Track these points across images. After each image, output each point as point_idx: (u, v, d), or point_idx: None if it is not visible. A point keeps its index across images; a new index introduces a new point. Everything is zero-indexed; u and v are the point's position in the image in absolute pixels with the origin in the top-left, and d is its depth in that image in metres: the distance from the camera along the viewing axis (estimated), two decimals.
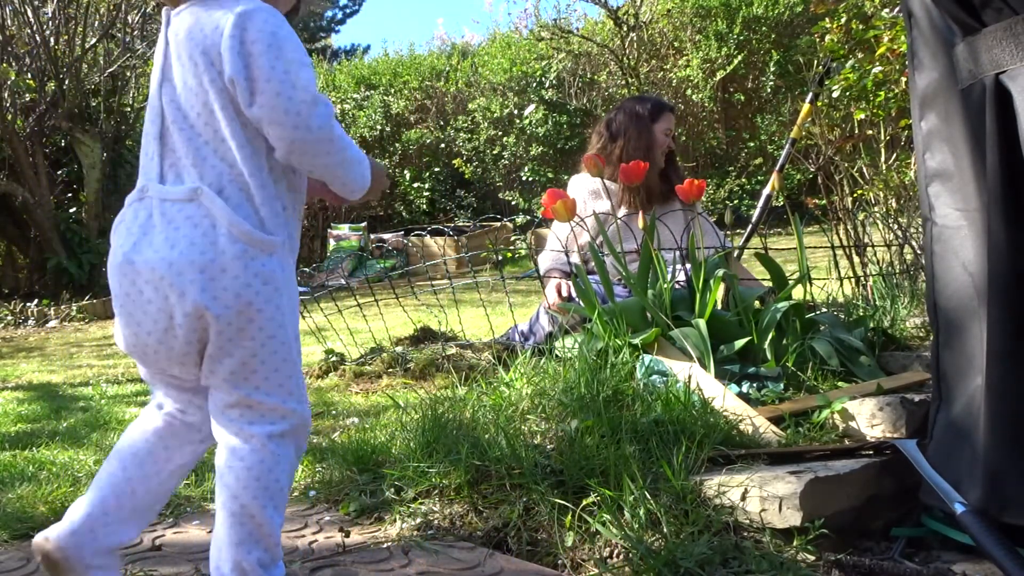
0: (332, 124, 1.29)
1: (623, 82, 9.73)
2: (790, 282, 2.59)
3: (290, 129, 1.26)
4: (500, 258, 7.90)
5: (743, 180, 9.19)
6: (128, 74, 9.19)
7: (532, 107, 9.98)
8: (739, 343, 2.35)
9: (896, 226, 3.51)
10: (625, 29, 9.64)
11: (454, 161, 10.66)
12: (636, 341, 2.36)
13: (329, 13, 23.00)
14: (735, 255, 3.38)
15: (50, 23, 8.43)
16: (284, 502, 1.35)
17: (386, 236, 9.47)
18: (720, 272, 2.50)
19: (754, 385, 2.23)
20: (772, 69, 9.43)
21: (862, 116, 3.63)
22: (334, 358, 3.58)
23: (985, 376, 1.52)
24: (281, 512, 1.34)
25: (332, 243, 9.37)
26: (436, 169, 11.00)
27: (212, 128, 1.30)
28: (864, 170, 3.78)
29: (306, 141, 1.27)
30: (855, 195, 3.78)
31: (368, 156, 1.43)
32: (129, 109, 9.19)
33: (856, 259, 3.50)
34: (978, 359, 1.55)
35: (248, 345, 1.30)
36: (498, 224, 8.97)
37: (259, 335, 1.31)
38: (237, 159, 1.30)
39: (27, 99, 8.52)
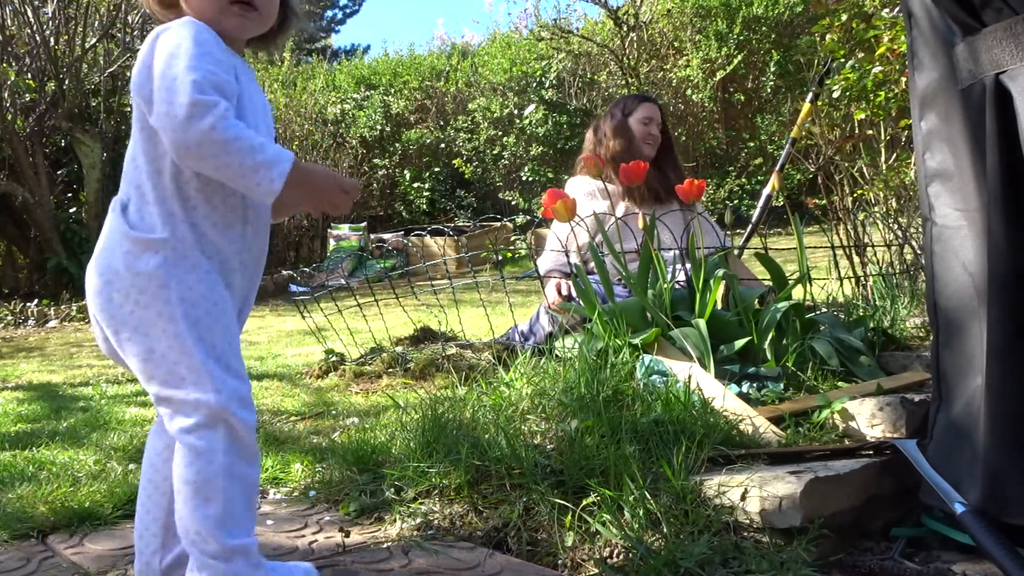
0: (217, 128, 1.28)
1: (623, 82, 9.73)
2: (790, 282, 2.59)
3: (170, 133, 1.31)
4: (500, 258, 7.90)
5: (743, 180, 9.20)
6: (128, 74, 9.18)
7: (532, 107, 9.99)
8: (739, 343, 2.35)
9: (896, 226, 3.51)
10: (625, 29, 9.65)
11: (454, 161, 10.66)
12: (636, 341, 2.36)
13: (329, 13, 23.03)
14: (735, 255, 3.38)
15: (50, 23, 8.43)
16: (214, 492, 1.34)
17: (386, 236, 9.47)
18: (720, 272, 2.50)
19: (754, 385, 2.23)
20: (772, 69, 9.44)
21: (862, 116, 3.63)
22: (334, 358, 3.58)
23: (985, 376, 1.52)
24: (213, 502, 1.34)
25: (332, 243, 9.37)
26: (436, 169, 11.01)
27: (134, 140, 1.41)
28: (864, 170, 3.78)
29: (187, 146, 1.30)
30: (855, 195, 3.78)
31: (315, 165, 1.41)
32: (129, 109, 9.18)
33: (856, 259, 3.50)
34: (978, 359, 1.55)
35: (143, 342, 1.36)
36: (498, 224, 8.98)
37: (152, 331, 1.35)
38: (142, 164, 1.39)
39: (27, 99, 8.52)
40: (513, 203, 10.08)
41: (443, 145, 11.08)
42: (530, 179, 9.93)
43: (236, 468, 1.36)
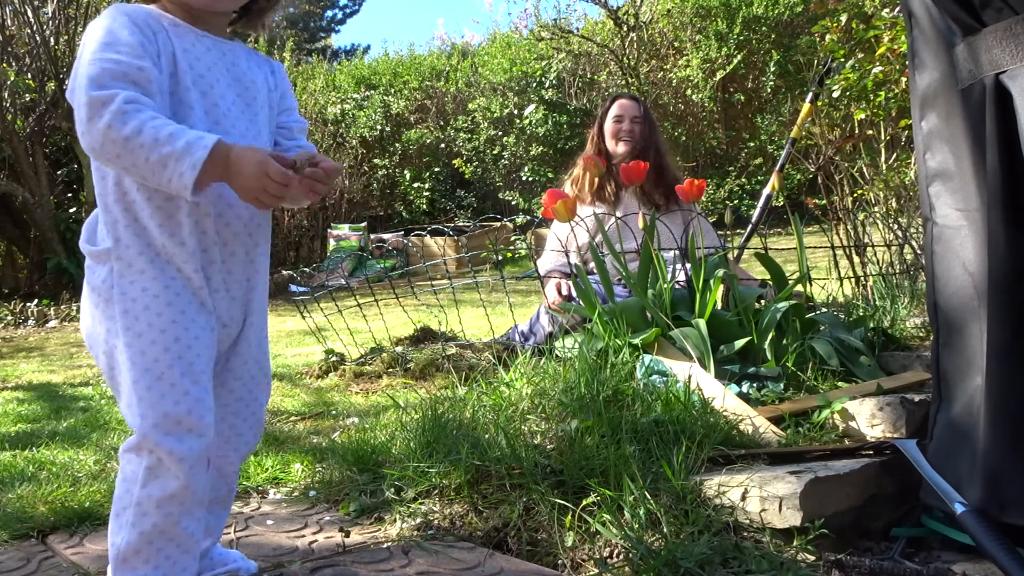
0: (114, 126, 1.17)
1: (623, 82, 9.73)
2: (790, 282, 2.59)
3: (79, 134, 1.22)
4: (500, 258, 7.90)
5: (743, 180, 9.19)
6: None
7: (532, 107, 9.99)
8: (739, 343, 2.35)
9: (896, 226, 3.51)
10: (625, 29, 9.65)
11: (454, 161, 10.66)
12: (636, 341, 2.36)
13: (329, 13, 23.01)
14: (734, 255, 3.38)
15: (50, 23, 8.42)
16: (122, 524, 1.27)
17: (386, 236, 9.47)
18: (720, 272, 2.50)
19: (754, 385, 2.23)
20: (772, 69, 9.43)
21: (862, 116, 3.64)
22: (334, 358, 3.58)
23: (985, 376, 1.52)
24: (121, 534, 1.27)
25: (332, 243, 9.37)
26: (436, 169, 11.01)
27: None
28: (864, 170, 3.78)
29: (92, 148, 1.21)
30: (855, 195, 3.78)
31: (249, 149, 1.23)
32: None
33: (856, 259, 3.50)
34: (978, 359, 1.55)
35: (103, 359, 1.30)
36: (498, 224, 8.98)
37: (106, 348, 1.29)
38: (94, 174, 1.32)
39: (27, 99, 8.52)
40: (513, 203, 10.08)
41: (443, 145, 11.08)
42: (530, 179, 9.93)
43: (154, 507, 1.25)
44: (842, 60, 3.58)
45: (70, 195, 8.99)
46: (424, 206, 10.91)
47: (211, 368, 1.32)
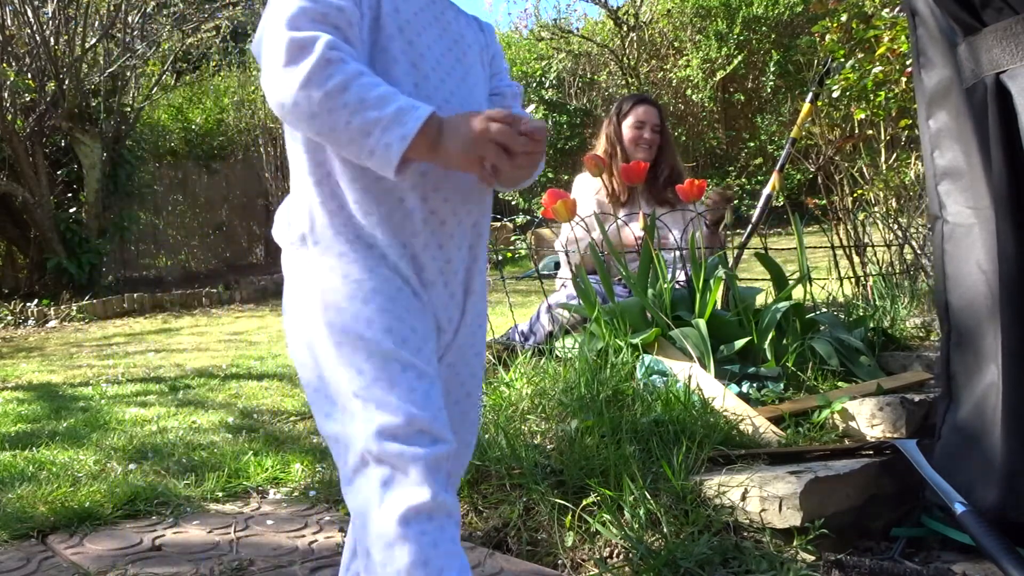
0: (314, 79, 0.97)
1: (623, 82, 9.74)
2: (790, 282, 2.59)
3: (267, 90, 1.02)
4: (500, 258, 7.90)
5: (743, 180, 9.20)
6: (128, 74, 9.17)
7: (532, 107, 10.00)
8: (739, 343, 2.35)
9: (896, 226, 3.51)
10: (625, 29, 9.66)
11: None
12: (636, 341, 2.36)
13: None
14: (734, 255, 3.38)
15: (50, 23, 8.42)
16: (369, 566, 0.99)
17: None
18: (720, 272, 2.50)
19: (754, 385, 2.23)
20: (772, 69, 9.44)
21: (862, 116, 3.64)
22: None
23: (1002, 376, 1.51)
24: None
25: None
26: None
27: None
28: (864, 170, 3.78)
29: (282, 103, 1.00)
30: (855, 195, 3.78)
31: (462, 117, 1.02)
32: (129, 109, 9.17)
33: (856, 259, 3.50)
34: (993, 359, 1.54)
35: (305, 367, 1.11)
36: (498, 224, 8.98)
37: (307, 352, 1.10)
38: (289, 146, 1.15)
39: (27, 99, 8.52)
40: (513, 203, 10.08)
41: None
42: None
43: (399, 530, 0.96)
44: (842, 60, 3.58)
45: (70, 195, 8.98)
46: None
47: (435, 364, 1.07)
